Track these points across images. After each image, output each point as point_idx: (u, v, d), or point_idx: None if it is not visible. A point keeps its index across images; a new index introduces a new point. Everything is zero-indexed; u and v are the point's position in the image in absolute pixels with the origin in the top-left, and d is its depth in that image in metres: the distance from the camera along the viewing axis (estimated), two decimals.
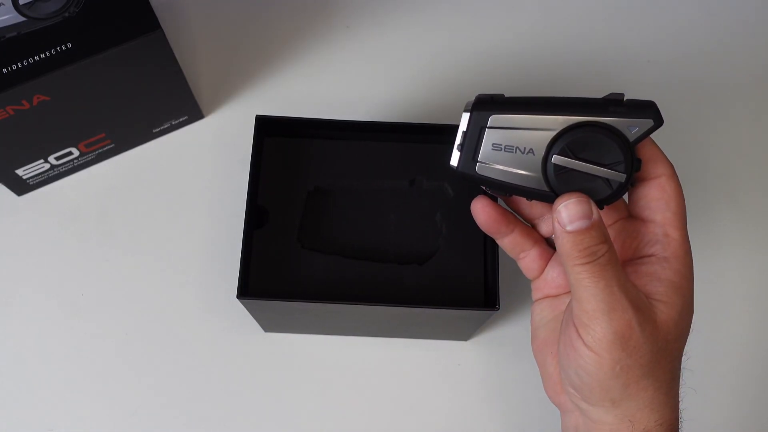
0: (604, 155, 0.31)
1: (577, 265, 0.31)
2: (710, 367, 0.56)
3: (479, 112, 0.32)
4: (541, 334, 0.38)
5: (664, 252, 0.33)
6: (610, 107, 0.32)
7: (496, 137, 0.32)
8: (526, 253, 0.37)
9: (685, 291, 0.33)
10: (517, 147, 0.32)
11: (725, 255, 0.60)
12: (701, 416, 0.41)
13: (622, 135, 0.31)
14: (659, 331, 0.32)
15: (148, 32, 0.49)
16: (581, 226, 0.31)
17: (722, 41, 0.68)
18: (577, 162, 0.32)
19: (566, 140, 0.31)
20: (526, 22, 0.69)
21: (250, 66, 0.65)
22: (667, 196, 0.33)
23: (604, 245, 0.31)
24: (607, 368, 0.31)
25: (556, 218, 0.32)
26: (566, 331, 0.33)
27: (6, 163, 0.55)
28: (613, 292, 0.31)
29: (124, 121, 0.58)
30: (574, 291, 0.32)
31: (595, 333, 0.31)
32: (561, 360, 0.34)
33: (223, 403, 0.55)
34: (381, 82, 0.65)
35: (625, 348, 0.31)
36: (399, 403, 0.55)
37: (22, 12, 0.49)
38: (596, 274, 0.31)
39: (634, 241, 0.35)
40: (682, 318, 0.33)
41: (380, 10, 0.68)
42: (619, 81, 0.66)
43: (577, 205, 0.31)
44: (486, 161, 0.33)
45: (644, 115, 0.31)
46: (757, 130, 0.65)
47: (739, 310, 0.59)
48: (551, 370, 0.37)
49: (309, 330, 0.56)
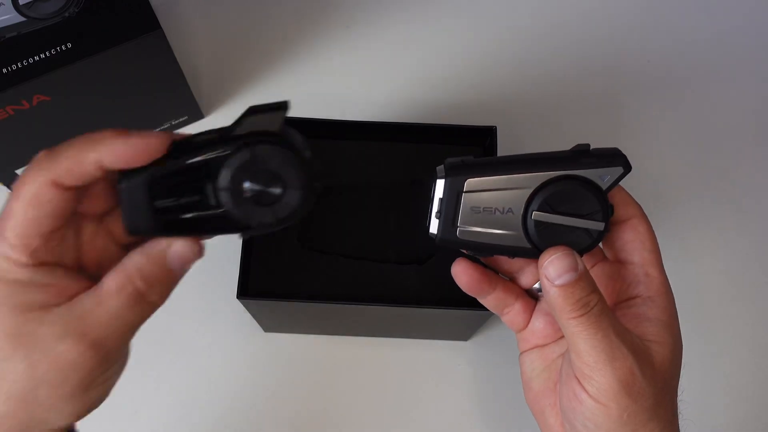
0: (582, 206, 0.32)
1: (572, 318, 0.31)
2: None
3: (454, 177, 0.33)
4: (535, 386, 0.38)
5: (647, 291, 0.34)
6: (581, 159, 0.32)
7: (474, 200, 0.33)
8: (510, 308, 0.37)
9: (674, 328, 0.34)
10: (495, 208, 0.33)
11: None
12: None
13: (596, 185, 0.32)
14: (658, 372, 0.32)
15: (148, 32, 0.49)
16: (569, 279, 0.31)
17: (722, 41, 0.68)
18: (557, 216, 0.32)
19: (544, 195, 0.32)
20: (526, 22, 0.69)
21: (250, 66, 0.65)
22: (642, 237, 0.34)
23: (595, 295, 0.31)
24: (615, 417, 0.31)
25: (544, 274, 0.32)
26: (568, 384, 0.33)
27: (6, 163, 0.55)
28: (611, 341, 0.31)
29: (124, 121, 0.58)
30: (572, 344, 0.32)
31: (599, 384, 0.31)
32: (565, 413, 0.34)
33: (223, 403, 0.55)
34: (381, 82, 0.65)
35: (630, 395, 0.31)
36: (399, 403, 0.55)
37: (22, 12, 0.49)
38: (592, 325, 0.31)
39: (617, 283, 0.35)
40: (675, 355, 0.33)
41: (380, 10, 0.68)
42: (619, 81, 0.66)
43: (563, 259, 0.32)
44: (466, 225, 0.33)
45: (614, 164, 0.32)
46: (757, 130, 0.65)
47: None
48: (551, 422, 0.36)
49: (309, 330, 0.56)
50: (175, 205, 0.30)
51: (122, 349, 0.31)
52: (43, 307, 0.29)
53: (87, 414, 0.32)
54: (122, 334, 0.30)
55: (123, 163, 0.29)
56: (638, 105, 0.66)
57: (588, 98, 0.66)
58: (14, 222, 0.29)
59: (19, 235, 0.29)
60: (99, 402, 0.32)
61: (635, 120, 0.65)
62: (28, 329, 0.28)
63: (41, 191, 0.29)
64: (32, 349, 0.28)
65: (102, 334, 0.29)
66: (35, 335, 0.28)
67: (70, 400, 0.29)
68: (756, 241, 0.61)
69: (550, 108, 0.65)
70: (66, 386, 0.29)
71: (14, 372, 0.28)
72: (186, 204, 0.30)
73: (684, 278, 0.59)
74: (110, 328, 0.29)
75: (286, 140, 0.30)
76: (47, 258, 0.29)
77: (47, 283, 0.29)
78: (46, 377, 0.29)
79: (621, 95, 0.66)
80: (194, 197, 0.30)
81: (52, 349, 0.28)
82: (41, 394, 0.29)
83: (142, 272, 0.30)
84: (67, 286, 0.30)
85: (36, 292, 0.29)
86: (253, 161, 0.29)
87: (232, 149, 0.29)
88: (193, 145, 0.30)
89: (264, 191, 0.30)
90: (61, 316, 0.29)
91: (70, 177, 0.29)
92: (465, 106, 0.65)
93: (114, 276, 0.30)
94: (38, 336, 0.28)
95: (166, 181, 0.29)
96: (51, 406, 0.29)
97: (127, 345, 0.31)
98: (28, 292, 0.29)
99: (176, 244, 0.30)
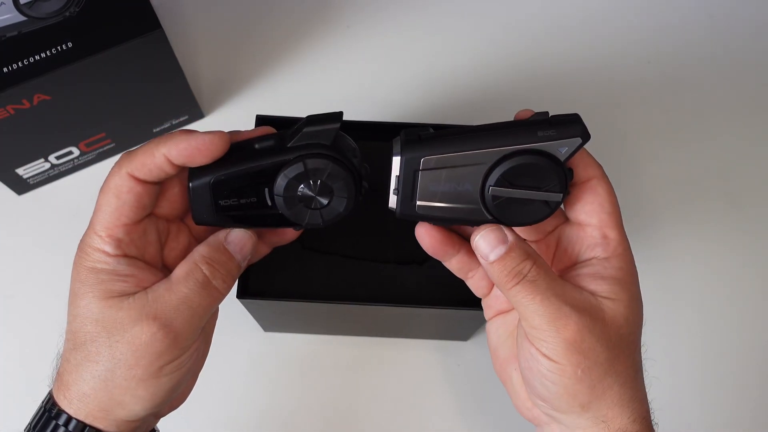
0: (539, 179, 0.32)
1: (510, 288, 0.32)
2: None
3: (409, 156, 0.33)
4: (501, 354, 0.39)
5: (604, 253, 0.34)
6: (538, 131, 0.32)
7: (431, 177, 0.33)
8: (474, 272, 0.38)
9: (630, 285, 0.34)
10: (453, 184, 0.33)
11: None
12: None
13: (553, 157, 0.32)
14: (609, 327, 0.33)
15: (149, 32, 0.49)
16: (500, 252, 0.33)
17: (722, 41, 0.68)
18: (514, 191, 0.33)
19: (501, 171, 0.32)
20: (526, 22, 0.69)
21: (250, 66, 0.65)
22: (600, 199, 0.34)
23: (528, 261, 0.32)
24: (570, 374, 0.32)
25: (478, 254, 0.34)
26: (523, 346, 0.34)
27: (6, 162, 0.55)
28: (551, 303, 0.32)
29: (124, 120, 0.58)
30: (519, 312, 0.33)
31: (548, 344, 0.32)
32: (524, 374, 0.35)
33: (223, 403, 0.55)
34: (381, 82, 0.65)
35: (580, 351, 0.32)
36: (399, 403, 0.55)
37: (22, 11, 0.49)
38: (530, 291, 0.32)
39: (576, 246, 0.36)
40: (631, 311, 0.33)
41: (380, 10, 0.68)
42: (619, 81, 0.67)
43: (490, 235, 0.33)
44: (425, 201, 0.33)
45: (572, 134, 0.32)
46: (757, 129, 0.65)
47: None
48: (518, 387, 0.37)
49: (309, 330, 0.56)
50: (235, 204, 0.34)
51: (191, 334, 0.33)
52: (123, 294, 0.32)
53: (161, 407, 0.35)
54: (190, 317, 0.33)
55: (187, 159, 0.32)
56: (639, 104, 0.66)
57: (588, 98, 0.66)
58: (101, 214, 0.33)
59: (105, 225, 0.33)
60: (171, 393, 0.34)
61: (635, 120, 0.65)
62: (110, 314, 0.32)
63: (120, 182, 0.33)
64: (112, 332, 0.32)
65: (171, 316, 0.32)
66: (115, 319, 0.32)
67: (142, 383, 0.32)
68: (756, 241, 0.61)
69: (550, 108, 0.65)
70: (139, 368, 0.32)
71: (97, 353, 0.32)
72: (245, 203, 0.34)
73: (684, 277, 0.59)
74: (178, 312, 0.32)
75: (337, 152, 0.33)
76: (130, 251, 0.33)
77: (129, 273, 0.33)
78: (122, 358, 0.32)
79: (621, 95, 0.66)
80: (252, 198, 0.34)
81: (128, 331, 0.32)
82: (118, 375, 0.32)
83: (205, 258, 0.34)
84: (145, 278, 0.33)
85: (118, 281, 0.32)
86: (306, 173, 0.33)
87: (288, 159, 0.33)
88: (252, 151, 0.34)
89: (314, 198, 0.34)
90: (136, 301, 0.32)
91: (144, 169, 0.33)
92: (465, 106, 0.65)
93: (182, 264, 0.34)
94: (117, 320, 0.32)
95: (228, 183, 0.33)
96: (126, 388, 0.32)
97: (195, 331, 0.34)
98: (112, 281, 0.32)
99: (233, 233, 0.35)
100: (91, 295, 0.32)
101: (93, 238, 0.33)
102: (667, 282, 0.59)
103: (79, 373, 0.32)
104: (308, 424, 0.55)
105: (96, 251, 0.33)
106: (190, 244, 0.37)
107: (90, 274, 0.33)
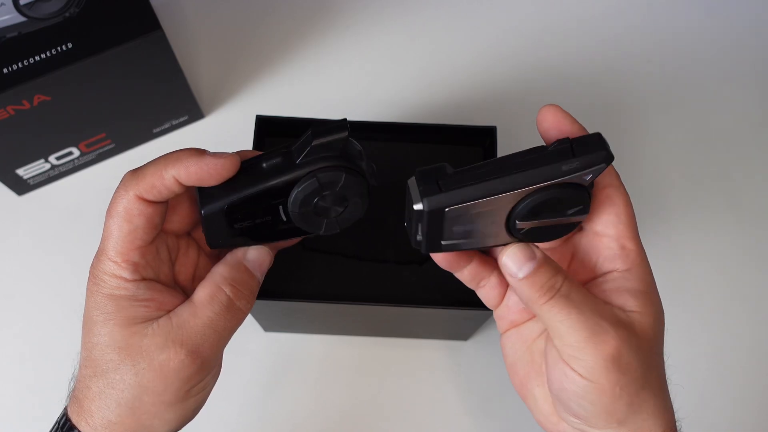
0: (565, 206, 0.32)
1: (543, 304, 0.31)
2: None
3: (434, 207, 0.31)
4: (519, 370, 0.38)
5: (624, 265, 0.34)
6: (563, 166, 0.31)
7: (456, 221, 0.32)
8: (486, 281, 0.37)
9: (653, 296, 0.33)
10: (478, 225, 0.33)
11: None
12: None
13: (579, 186, 0.32)
14: (643, 341, 0.32)
15: (149, 32, 0.49)
16: (530, 269, 0.32)
17: (722, 42, 0.68)
18: (541, 221, 0.32)
19: (527, 207, 0.32)
20: (526, 22, 0.69)
21: (250, 66, 0.65)
22: (617, 209, 0.33)
23: (560, 276, 0.32)
24: (608, 392, 0.31)
25: (507, 273, 0.33)
26: (556, 367, 0.33)
27: (6, 163, 0.55)
28: (588, 318, 0.31)
29: (124, 121, 0.58)
30: (552, 330, 0.32)
31: (586, 363, 0.31)
32: (558, 395, 0.34)
33: (223, 403, 0.55)
34: (381, 82, 0.65)
35: (619, 368, 0.31)
36: (399, 403, 0.56)
37: (22, 12, 0.49)
38: (564, 305, 0.31)
39: (592, 256, 0.35)
40: (657, 322, 0.33)
41: (380, 10, 0.68)
42: (619, 81, 0.67)
43: (518, 252, 0.32)
44: (450, 240, 0.33)
45: (597, 162, 0.31)
46: (757, 129, 0.65)
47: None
48: (541, 403, 0.36)
49: (309, 330, 0.56)
50: (250, 225, 0.34)
51: (217, 357, 0.34)
52: (146, 320, 0.32)
53: (185, 424, 0.34)
54: (216, 341, 0.33)
55: (197, 181, 0.32)
56: (639, 104, 0.66)
57: (588, 98, 0.66)
58: (113, 240, 0.32)
59: (119, 251, 0.32)
60: (195, 411, 0.34)
61: (635, 120, 0.65)
62: (134, 341, 0.32)
63: (130, 206, 0.32)
64: (138, 360, 0.32)
65: (198, 342, 0.32)
66: (140, 346, 0.32)
67: (171, 407, 0.32)
68: (756, 241, 0.61)
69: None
70: (168, 393, 0.32)
71: (122, 381, 0.32)
72: (260, 222, 0.34)
73: (682, 273, 0.59)
74: (205, 337, 0.32)
75: (347, 161, 0.33)
76: (147, 274, 0.33)
77: (148, 297, 0.32)
78: (150, 385, 0.31)
79: (621, 95, 0.66)
80: (267, 217, 0.34)
81: (155, 358, 0.31)
82: (146, 402, 0.32)
83: (227, 279, 0.33)
84: (165, 300, 0.33)
85: (139, 307, 0.32)
86: (320, 187, 0.33)
87: (300, 176, 0.32)
88: (261, 170, 0.33)
89: (330, 208, 0.34)
90: (162, 328, 0.32)
91: (153, 192, 0.32)
92: (465, 106, 0.65)
93: (204, 287, 0.33)
94: (143, 347, 0.32)
95: (242, 206, 0.33)
96: (155, 414, 0.32)
97: (220, 353, 0.34)
98: (133, 307, 0.32)
99: (251, 251, 0.35)
100: (113, 323, 0.32)
101: (108, 265, 0.32)
102: (667, 282, 0.59)
103: (103, 401, 0.32)
104: (308, 423, 0.55)
105: (113, 278, 0.32)
106: (200, 258, 0.36)
107: (109, 301, 0.32)
